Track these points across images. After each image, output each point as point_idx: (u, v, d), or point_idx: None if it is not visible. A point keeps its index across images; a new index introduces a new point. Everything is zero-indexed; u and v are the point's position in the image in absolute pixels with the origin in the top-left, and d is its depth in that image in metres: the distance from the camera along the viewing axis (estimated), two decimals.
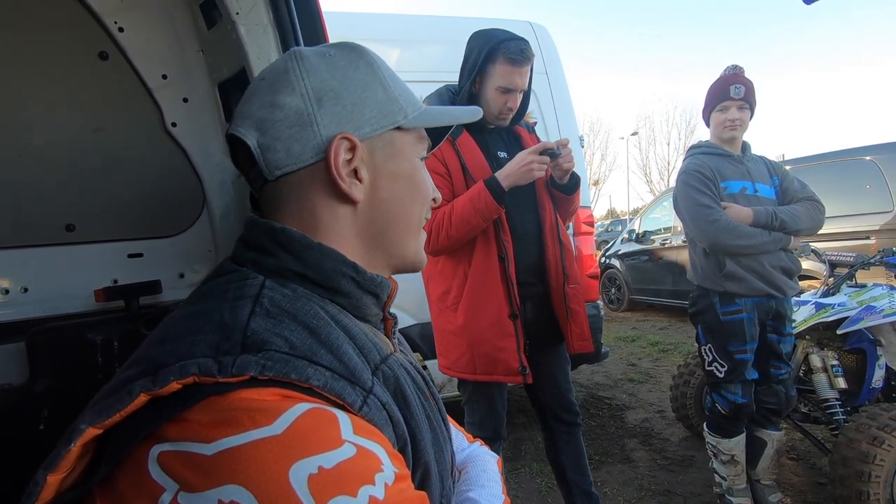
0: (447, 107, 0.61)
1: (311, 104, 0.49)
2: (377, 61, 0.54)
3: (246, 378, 0.35)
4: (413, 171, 0.55)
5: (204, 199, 0.91)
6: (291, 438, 0.33)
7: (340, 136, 0.48)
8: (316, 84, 0.49)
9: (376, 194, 0.52)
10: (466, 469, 0.67)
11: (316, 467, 0.33)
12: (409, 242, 0.56)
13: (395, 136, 0.53)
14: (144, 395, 0.35)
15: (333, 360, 0.40)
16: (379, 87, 0.52)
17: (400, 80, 0.55)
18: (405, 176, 0.54)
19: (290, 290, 0.45)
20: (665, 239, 6.50)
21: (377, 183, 0.52)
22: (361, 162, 0.50)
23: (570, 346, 1.63)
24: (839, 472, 1.76)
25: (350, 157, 0.49)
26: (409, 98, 0.54)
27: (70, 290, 0.83)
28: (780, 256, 1.81)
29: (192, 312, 0.43)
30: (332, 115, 0.49)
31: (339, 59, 0.52)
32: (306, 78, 0.50)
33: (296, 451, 0.33)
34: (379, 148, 0.52)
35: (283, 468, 0.32)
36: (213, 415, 0.34)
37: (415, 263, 0.57)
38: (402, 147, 0.54)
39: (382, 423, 0.41)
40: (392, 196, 0.53)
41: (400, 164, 0.53)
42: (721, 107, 1.84)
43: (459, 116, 0.61)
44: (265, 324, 0.40)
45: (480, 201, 1.47)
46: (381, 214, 0.53)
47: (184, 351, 0.37)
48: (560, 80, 3.10)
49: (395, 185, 0.53)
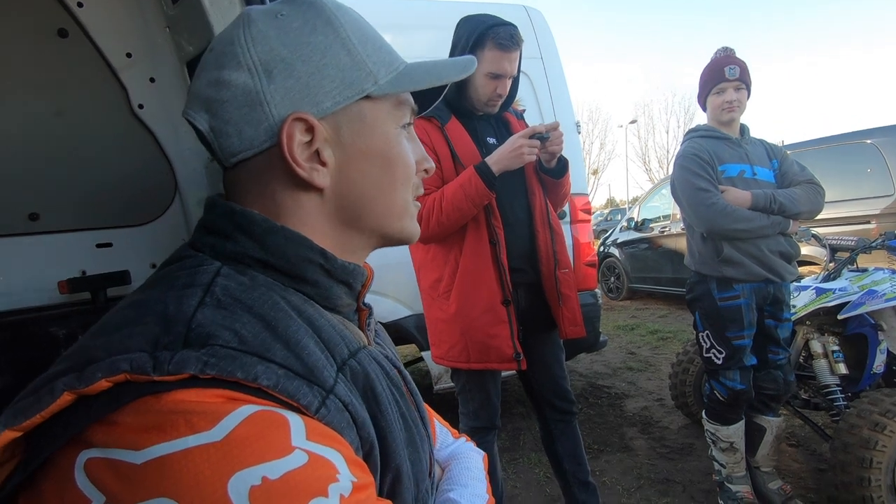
0: (435, 61, 0.50)
1: (260, 79, 0.43)
2: (339, 17, 0.46)
3: (185, 377, 0.31)
4: (388, 146, 0.48)
5: (175, 185, 0.87)
6: (233, 445, 0.30)
7: (293, 116, 0.42)
8: (264, 54, 0.43)
9: (346, 177, 0.46)
10: (449, 467, 0.63)
11: (259, 478, 0.29)
12: (392, 224, 0.50)
13: (365, 108, 0.46)
14: (69, 393, 0.31)
15: (289, 356, 0.36)
16: (341, 51, 0.45)
17: (373, 37, 0.47)
18: (379, 153, 0.47)
19: (247, 278, 0.41)
20: (664, 227, 6.46)
21: (346, 165, 0.46)
22: (324, 142, 0.44)
23: (563, 331, 1.61)
24: (840, 458, 1.74)
25: (308, 138, 0.43)
26: (381, 58, 0.47)
27: (35, 282, 0.79)
28: (778, 241, 1.78)
29: (136, 301, 0.39)
30: (285, 91, 0.43)
31: (293, 20, 0.44)
32: (252, 47, 0.43)
33: (237, 460, 0.29)
34: (345, 124, 0.45)
35: (222, 479, 0.29)
36: (145, 417, 0.30)
37: (402, 240, 0.52)
38: (375, 119, 0.47)
39: (344, 426, 0.37)
40: (364, 178, 0.47)
41: (372, 139, 0.46)
42: (717, 89, 1.80)
43: (447, 74, 0.50)
44: (214, 315, 0.36)
45: (471, 187, 1.44)
46: (353, 199, 0.47)
47: (117, 345, 0.33)
48: (556, 65, 3.03)
49: (367, 165, 0.47)
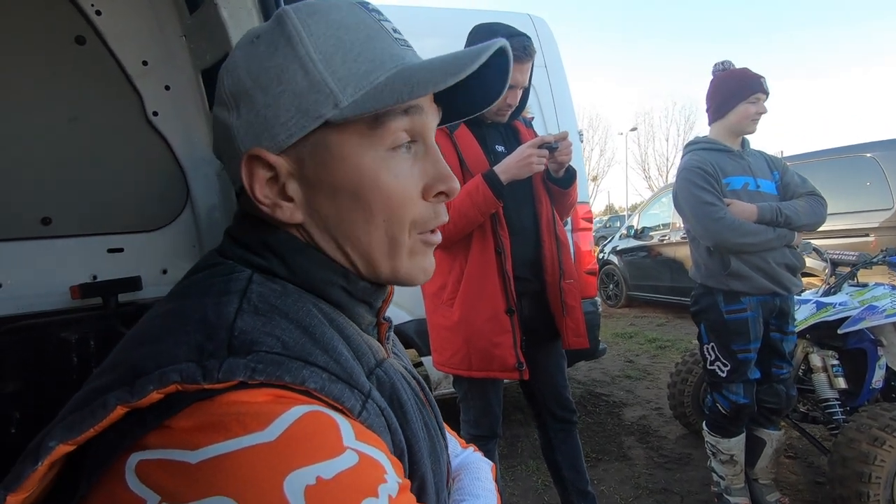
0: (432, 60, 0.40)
1: (231, 113, 0.41)
2: (302, 32, 0.40)
3: (234, 383, 0.32)
4: (360, 179, 0.41)
5: (188, 192, 0.87)
6: (287, 445, 0.30)
7: (248, 154, 0.40)
8: (232, 86, 0.41)
9: (317, 213, 0.42)
10: (460, 477, 0.63)
11: (314, 478, 0.29)
12: (379, 265, 0.44)
13: (328, 136, 0.40)
14: (122, 406, 0.31)
15: (329, 360, 0.36)
16: (298, 72, 0.39)
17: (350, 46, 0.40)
18: (348, 187, 0.41)
19: (279, 286, 0.41)
20: (664, 235, 6.48)
21: (313, 200, 0.42)
22: (289, 177, 0.41)
23: (566, 341, 1.61)
24: (839, 472, 1.74)
25: (272, 174, 0.41)
26: (352, 73, 0.39)
27: (47, 286, 0.79)
28: (784, 253, 1.78)
29: (173, 310, 0.39)
30: (248, 125, 0.40)
31: (262, 43, 0.41)
32: (226, 79, 0.42)
33: (292, 460, 0.30)
34: (308, 156, 0.41)
35: (278, 478, 0.29)
36: (199, 419, 0.31)
37: (397, 282, 0.46)
38: (342, 148, 0.40)
39: (381, 430, 0.37)
40: (337, 215, 0.42)
41: (338, 172, 0.41)
42: (754, 98, 1.78)
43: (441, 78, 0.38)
44: (254, 322, 0.36)
45: (479, 195, 1.44)
46: (330, 236, 0.43)
47: (164, 355, 0.33)
48: (559, 74, 3.05)
49: (335, 200, 0.41)
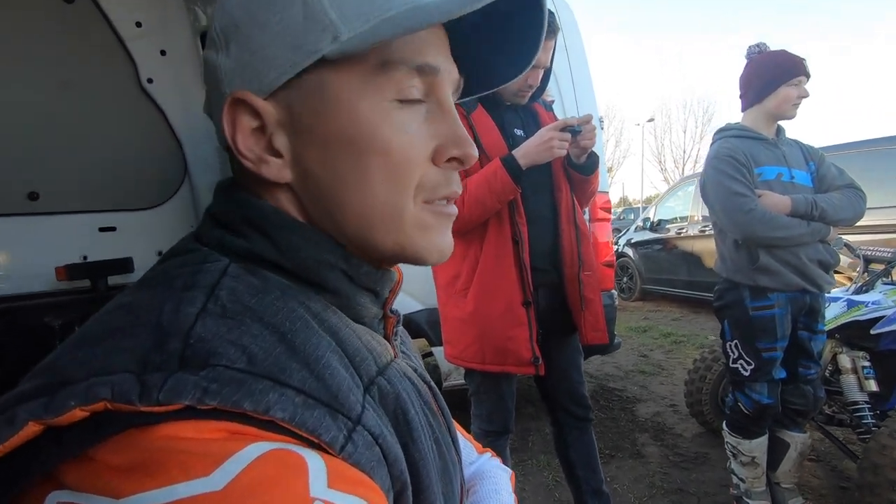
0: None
1: (220, 53, 0.36)
2: None
3: (179, 407, 0.25)
4: (356, 130, 0.34)
5: (185, 167, 0.81)
6: (236, 496, 0.23)
7: (231, 98, 0.34)
8: (223, 21, 0.36)
9: (307, 171, 0.36)
10: (475, 488, 0.57)
11: None
12: (379, 238, 0.37)
13: (325, 76, 0.34)
14: (34, 423, 0.24)
15: (309, 377, 0.29)
16: (297, 2, 0.34)
17: None
18: (343, 138, 0.34)
19: (258, 279, 0.34)
20: (681, 228, 6.33)
21: (303, 155, 0.35)
22: (278, 127, 0.35)
23: (584, 336, 1.54)
24: (868, 479, 1.65)
25: (258, 123, 0.35)
26: (357, 5, 0.33)
27: (34, 267, 0.73)
28: (817, 249, 1.67)
29: (127, 305, 0.31)
30: (236, 65, 0.35)
31: None
32: (219, 14, 0.36)
33: None
34: (299, 101, 0.35)
35: None
36: (128, 456, 0.24)
37: (407, 260, 0.39)
38: (339, 91, 0.34)
39: (373, 465, 0.30)
40: (328, 174, 0.35)
41: (332, 120, 0.34)
42: (796, 81, 1.66)
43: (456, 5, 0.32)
44: (217, 327, 0.29)
45: (496, 181, 1.37)
46: (323, 200, 0.36)
47: (98, 362, 0.26)
48: (580, 58, 2.93)
49: (328, 154, 0.35)
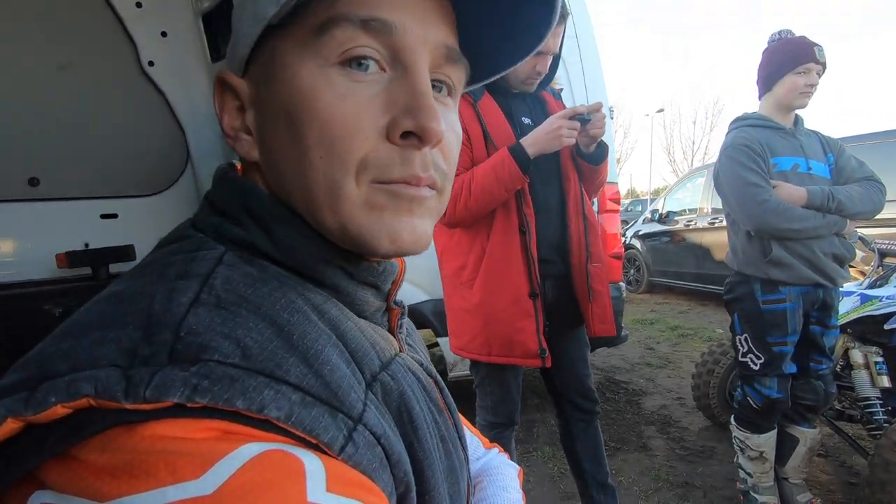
0: None
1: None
2: None
3: (167, 405, 0.23)
4: (293, 95, 0.32)
5: (188, 153, 0.79)
6: (228, 500, 0.21)
7: (217, 77, 0.36)
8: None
9: (266, 147, 0.35)
10: (482, 484, 0.55)
11: None
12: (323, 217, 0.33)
13: (274, 45, 0.33)
14: (13, 420, 0.23)
15: (307, 373, 0.27)
16: None
17: None
18: (283, 110, 0.33)
19: (255, 269, 0.32)
20: (690, 220, 6.26)
21: (261, 129, 0.35)
22: (250, 104, 0.35)
23: (591, 328, 1.52)
24: (880, 476, 1.63)
25: (238, 101, 0.36)
26: None
27: (33, 253, 0.72)
28: (832, 242, 1.64)
29: (118, 293, 0.30)
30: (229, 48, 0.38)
31: None
32: None
33: None
34: (258, 74, 0.35)
35: None
36: (114, 456, 0.22)
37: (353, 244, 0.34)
38: (282, 57, 0.33)
39: (375, 466, 0.28)
40: (279, 147, 0.34)
41: (277, 89, 0.33)
42: (804, 69, 1.60)
43: None
44: (211, 318, 0.27)
45: (504, 170, 1.34)
46: (278, 176, 0.35)
47: (83, 354, 0.24)
48: (591, 46, 2.88)
49: (276, 128, 0.34)
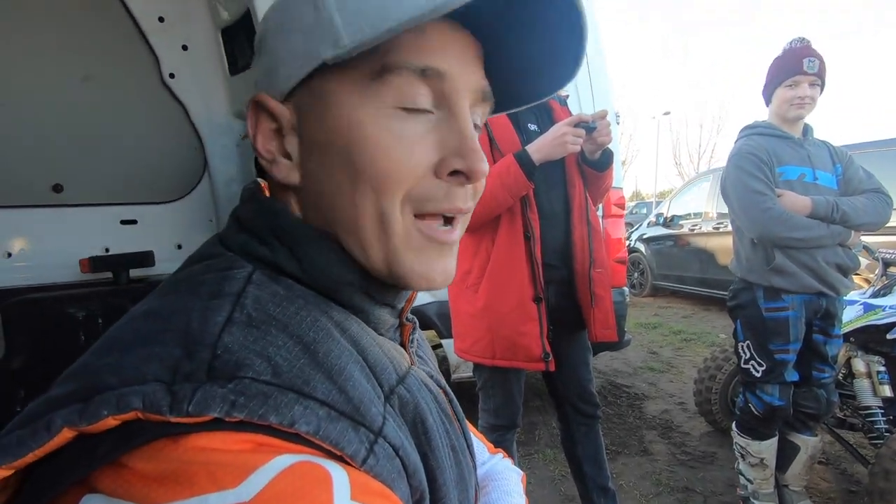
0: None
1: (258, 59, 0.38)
2: None
3: (208, 419, 0.26)
4: (350, 137, 0.34)
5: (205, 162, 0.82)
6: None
7: (253, 100, 0.36)
8: (260, 29, 0.38)
9: (311, 175, 0.37)
10: (487, 489, 0.57)
11: None
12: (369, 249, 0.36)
13: (327, 82, 0.35)
14: (69, 430, 0.25)
15: (332, 389, 0.30)
16: (309, 9, 0.34)
17: None
18: (338, 143, 0.35)
19: (282, 287, 0.34)
20: (694, 224, 6.25)
21: (308, 158, 0.36)
22: (290, 130, 0.36)
23: (593, 333, 1.54)
24: (880, 485, 1.64)
25: (276, 125, 0.36)
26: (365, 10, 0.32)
27: (57, 257, 0.75)
28: (836, 252, 1.65)
29: (155, 311, 0.32)
30: (262, 69, 0.37)
31: None
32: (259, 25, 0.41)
33: None
34: (307, 105, 0.36)
35: None
36: (160, 465, 0.25)
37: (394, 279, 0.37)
38: (337, 97, 0.35)
39: (394, 477, 0.31)
40: (328, 179, 0.36)
41: (331, 124, 0.35)
42: (791, 82, 1.63)
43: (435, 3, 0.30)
44: (244, 337, 0.29)
45: (509, 176, 1.36)
46: (322, 205, 0.37)
47: (130, 370, 0.27)
48: (597, 51, 2.88)
49: (327, 161, 0.35)
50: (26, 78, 0.73)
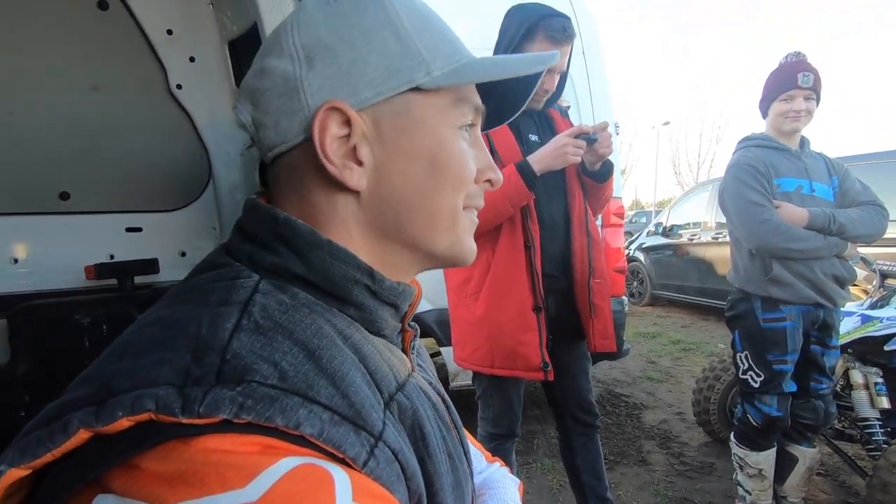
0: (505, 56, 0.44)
1: (300, 66, 0.39)
2: (395, 1, 0.41)
3: (217, 420, 0.27)
4: (439, 148, 0.41)
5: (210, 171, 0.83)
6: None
7: (327, 105, 0.38)
8: (308, 39, 0.39)
9: (385, 179, 0.40)
10: (484, 498, 0.58)
11: None
12: (437, 238, 0.43)
13: (413, 101, 0.40)
14: (85, 431, 0.27)
15: (335, 394, 0.31)
16: (390, 37, 0.40)
17: (434, 25, 0.42)
18: (426, 153, 0.41)
19: (287, 296, 0.36)
20: (694, 234, 6.27)
21: (386, 164, 0.40)
22: (362, 138, 0.39)
23: (592, 344, 1.55)
24: (878, 497, 1.64)
25: (345, 132, 0.39)
26: (439, 48, 0.41)
27: (63, 263, 0.76)
28: (833, 263, 1.66)
29: (165, 318, 0.34)
30: (324, 79, 0.39)
31: (344, 4, 0.41)
32: (297, 32, 0.40)
33: None
34: (387, 118, 0.40)
35: None
36: (171, 466, 0.26)
37: (453, 258, 0.45)
38: (424, 115, 0.41)
39: (393, 480, 0.32)
40: (406, 181, 0.41)
41: (417, 138, 0.40)
42: (786, 96, 1.67)
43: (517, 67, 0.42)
44: (252, 343, 0.31)
45: (510, 186, 1.38)
46: (393, 206, 0.41)
47: (143, 374, 0.28)
48: (598, 61, 2.92)
49: (410, 165, 0.41)
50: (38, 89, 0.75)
